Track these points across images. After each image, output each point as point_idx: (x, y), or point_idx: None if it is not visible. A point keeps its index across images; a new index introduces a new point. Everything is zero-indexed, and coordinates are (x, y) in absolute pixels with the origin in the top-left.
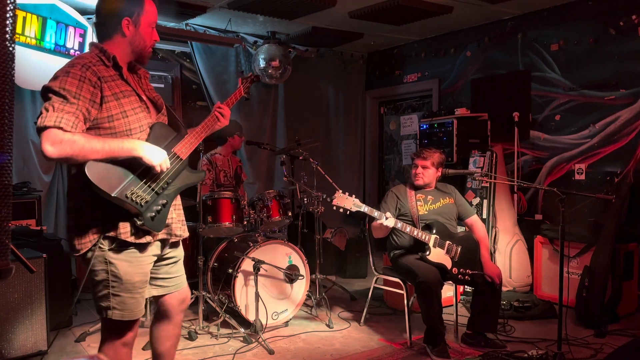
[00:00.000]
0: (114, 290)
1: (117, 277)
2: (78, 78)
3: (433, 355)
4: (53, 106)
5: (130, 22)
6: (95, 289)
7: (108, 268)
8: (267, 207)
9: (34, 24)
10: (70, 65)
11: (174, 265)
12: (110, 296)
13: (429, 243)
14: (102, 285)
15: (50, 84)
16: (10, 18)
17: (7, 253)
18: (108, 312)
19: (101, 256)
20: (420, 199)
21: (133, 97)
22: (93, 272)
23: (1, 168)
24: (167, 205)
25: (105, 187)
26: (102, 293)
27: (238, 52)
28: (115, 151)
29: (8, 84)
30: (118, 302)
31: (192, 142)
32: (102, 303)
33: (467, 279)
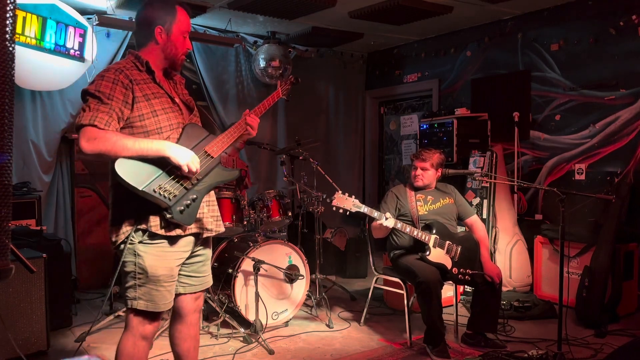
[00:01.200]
0: (140, 281)
1: (143, 269)
2: (111, 81)
3: (433, 356)
4: (89, 107)
5: (162, 30)
6: (123, 280)
7: (136, 260)
8: (267, 207)
9: (34, 24)
10: (106, 70)
11: (204, 265)
12: (136, 287)
13: (429, 243)
14: (130, 276)
15: (87, 87)
16: (10, 18)
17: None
18: (133, 303)
19: (131, 248)
20: (420, 199)
21: (164, 98)
22: (123, 264)
23: (1, 168)
24: (197, 200)
25: (134, 182)
26: (129, 284)
27: (238, 52)
28: (145, 150)
29: (8, 84)
30: (143, 292)
31: (223, 141)
32: (129, 293)
33: (467, 278)
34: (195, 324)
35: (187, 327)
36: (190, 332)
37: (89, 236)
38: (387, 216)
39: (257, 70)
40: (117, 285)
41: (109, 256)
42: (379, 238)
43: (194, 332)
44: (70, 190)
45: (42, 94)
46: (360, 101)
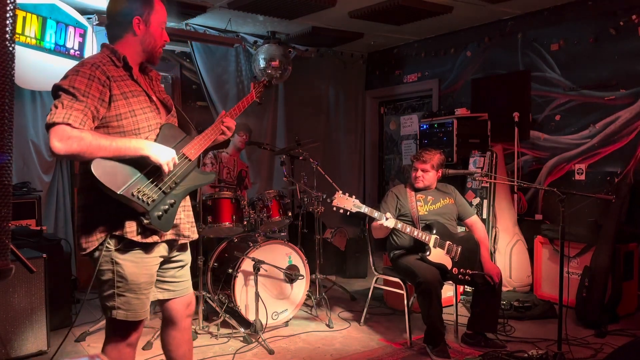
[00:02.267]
0: (119, 290)
1: (122, 277)
2: (87, 77)
3: (433, 356)
4: (62, 103)
5: (140, 20)
6: (101, 288)
7: (114, 268)
8: (267, 207)
9: (34, 24)
10: (80, 65)
11: (181, 270)
12: (115, 296)
13: (429, 243)
14: (108, 285)
15: (60, 82)
16: (10, 18)
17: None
18: (113, 312)
19: (108, 256)
20: (420, 200)
21: (142, 97)
22: (100, 272)
23: (1, 168)
24: (175, 205)
25: (111, 184)
26: (107, 293)
27: (238, 52)
28: (123, 149)
29: (8, 84)
30: (123, 302)
31: (201, 143)
32: (108, 303)
33: (468, 279)
34: (189, 328)
35: (181, 332)
36: (184, 337)
37: None
38: (388, 216)
39: (257, 70)
40: None
41: None
42: (379, 238)
43: (187, 336)
44: (70, 190)
45: (42, 94)
46: (360, 101)
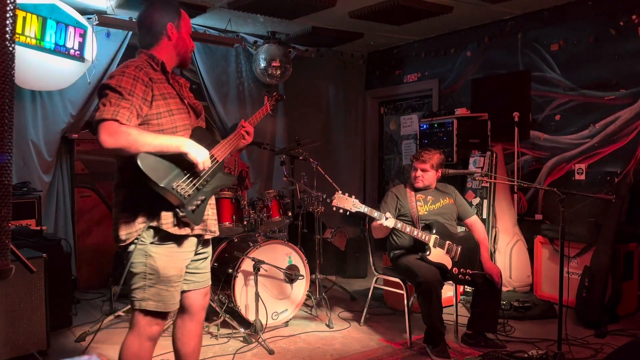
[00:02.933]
0: (150, 282)
1: (154, 270)
2: (132, 77)
3: (433, 356)
4: (110, 101)
5: (173, 26)
6: (131, 281)
7: (147, 261)
8: (267, 207)
9: (34, 24)
10: (125, 67)
11: (204, 262)
12: (145, 288)
13: (429, 243)
14: (139, 277)
15: (107, 81)
16: (10, 18)
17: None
18: (142, 303)
19: (142, 249)
20: (420, 200)
21: (177, 99)
22: (132, 265)
23: (1, 168)
24: (204, 202)
25: (155, 177)
26: (138, 285)
27: (238, 52)
28: (165, 145)
29: (8, 84)
30: (153, 293)
31: (226, 147)
32: (137, 295)
33: (468, 278)
34: (202, 323)
35: (195, 325)
36: (198, 330)
37: (89, 236)
38: (387, 216)
39: (258, 70)
40: (116, 286)
41: (109, 256)
42: (379, 238)
43: (200, 331)
44: (70, 190)
45: (42, 94)
46: (360, 101)
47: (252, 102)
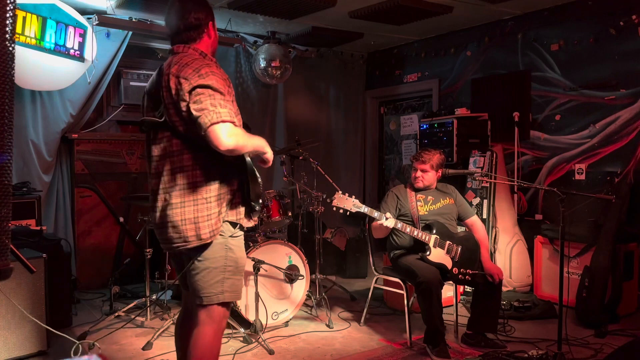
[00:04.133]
0: (229, 274)
1: (234, 261)
2: (221, 77)
3: (433, 356)
4: (220, 103)
5: (213, 25)
6: (206, 277)
7: (226, 254)
8: (267, 207)
9: (34, 24)
10: (207, 65)
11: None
12: (224, 280)
13: (429, 243)
14: (218, 271)
15: (206, 81)
16: (10, 18)
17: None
18: (220, 297)
19: (223, 243)
20: (420, 200)
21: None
22: (208, 260)
23: (1, 168)
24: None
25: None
26: (216, 279)
27: (238, 52)
28: (257, 146)
29: (8, 84)
30: (230, 285)
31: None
32: (215, 289)
33: (468, 278)
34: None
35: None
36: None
37: (89, 236)
38: (387, 216)
39: (258, 70)
40: (116, 285)
41: (109, 256)
42: (379, 238)
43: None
44: (70, 190)
45: (42, 94)
46: (360, 101)
47: (252, 102)
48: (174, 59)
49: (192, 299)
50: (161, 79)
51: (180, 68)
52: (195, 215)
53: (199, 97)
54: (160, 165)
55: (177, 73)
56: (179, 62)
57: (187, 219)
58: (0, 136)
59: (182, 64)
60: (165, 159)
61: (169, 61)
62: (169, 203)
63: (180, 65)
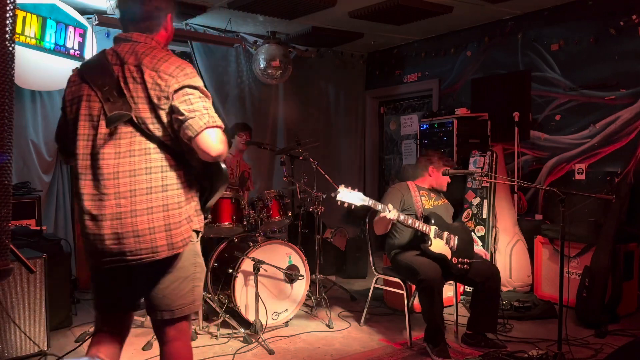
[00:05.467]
0: (197, 281)
1: (201, 267)
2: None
3: (434, 355)
4: (210, 107)
5: (172, 18)
6: (177, 288)
7: (195, 260)
8: (267, 207)
9: (33, 24)
10: (187, 64)
11: None
12: (194, 289)
13: (430, 234)
14: (188, 280)
15: (193, 82)
16: (10, 18)
17: (7, 253)
18: (192, 307)
19: (192, 249)
20: (424, 195)
21: None
22: (178, 270)
23: (1, 168)
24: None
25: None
26: (187, 288)
27: (238, 52)
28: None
29: (8, 84)
30: (198, 292)
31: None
32: (187, 299)
33: (466, 267)
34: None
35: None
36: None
37: None
38: (390, 208)
39: (258, 70)
40: None
41: None
42: (380, 234)
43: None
44: (70, 190)
45: (42, 94)
46: (360, 101)
47: (252, 102)
48: (136, 48)
49: (156, 314)
50: (117, 69)
51: (157, 62)
52: (166, 222)
53: (189, 98)
54: (114, 165)
55: (154, 67)
56: (147, 53)
57: (157, 226)
58: (0, 136)
59: (157, 57)
60: (124, 159)
61: (123, 49)
62: (130, 210)
63: (154, 57)
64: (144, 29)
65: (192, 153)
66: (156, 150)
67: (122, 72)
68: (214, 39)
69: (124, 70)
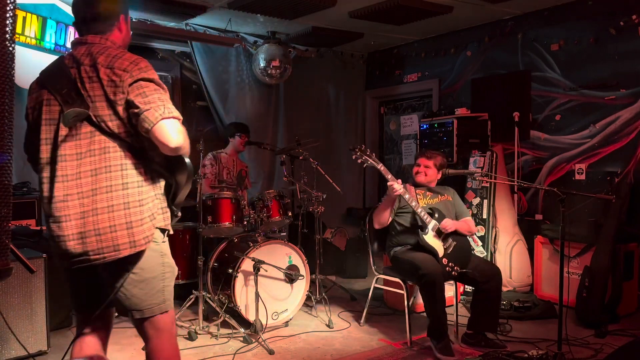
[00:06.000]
0: (167, 281)
1: (171, 267)
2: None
3: (437, 352)
4: (166, 98)
5: (124, 19)
6: (145, 288)
7: (163, 260)
8: (267, 207)
9: (34, 24)
10: (142, 59)
11: None
12: (164, 289)
13: (429, 225)
14: (157, 280)
15: (147, 75)
16: (10, 18)
17: (7, 253)
18: (162, 306)
19: (158, 249)
20: (420, 194)
21: None
22: (144, 270)
23: (1, 168)
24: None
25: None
26: (156, 288)
27: (238, 52)
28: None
29: (8, 84)
30: (169, 291)
31: None
32: (157, 299)
33: (454, 274)
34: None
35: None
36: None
37: None
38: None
39: (258, 70)
40: None
41: None
42: (379, 229)
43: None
44: None
45: None
46: (360, 101)
47: (252, 102)
48: (91, 49)
49: (127, 314)
50: (73, 71)
51: (111, 59)
52: (127, 220)
53: (144, 91)
54: (76, 166)
55: (109, 64)
56: (102, 53)
57: (118, 224)
58: (0, 136)
59: (111, 55)
60: (84, 159)
61: (79, 52)
62: (91, 208)
63: (109, 56)
64: (96, 31)
65: (154, 149)
66: (115, 148)
67: (78, 74)
68: (214, 39)
69: (80, 72)
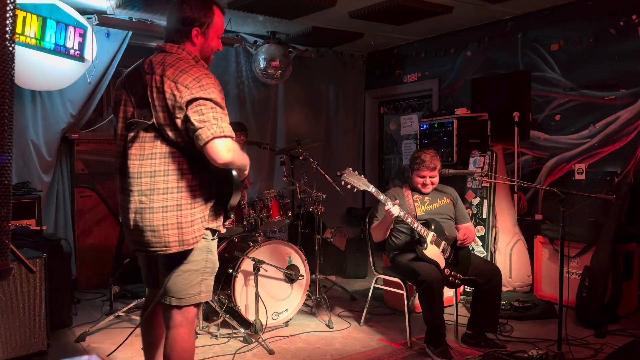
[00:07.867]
0: (206, 275)
1: (212, 263)
2: (219, 89)
3: (435, 357)
4: (222, 117)
5: (199, 32)
6: (187, 279)
7: (207, 256)
8: (267, 207)
9: (34, 24)
10: (206, 75)
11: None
12: (202, 282)
13: (427, 238)
14: (198, 273)
15: (207, 94)
16: (10, 18)
17: (7, 253)
18: (197, 297)
19: (205, 246)
20: (417, 200)
21: None
22: (189, 263)
23: (1, 168)
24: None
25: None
26: (195, 281)
27: (238, 52)
28: (243, 165)
29: (8, 84)
30: (206, 285)
31: None
32: (192, 290)
33: (458, 282)
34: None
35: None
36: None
37: (89, 236)
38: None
39: (258, 71)
40: (116, 285)
41: (109, 256)
42: (379, 242)
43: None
44: (70, 190)
45: (42, 94)
46: (360, 101)
47: (252, 102)
48: (166, 59)
49: (165, 299)
50: (148, 78)
51: (178, 73)
52: (179, 221)
53: (201, 108)
54: (138, 166)
55: (174, 78)
56: (173, 64)
57: (170, 224)
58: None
59: (179, 69)
60: (146, 160)
61: (157, 59)
62: (148, 206)
63: (177, 69)
64: (173, 40)
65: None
66: (175, 154)
67: (150, 82)
68: None
69: (152, 80)
